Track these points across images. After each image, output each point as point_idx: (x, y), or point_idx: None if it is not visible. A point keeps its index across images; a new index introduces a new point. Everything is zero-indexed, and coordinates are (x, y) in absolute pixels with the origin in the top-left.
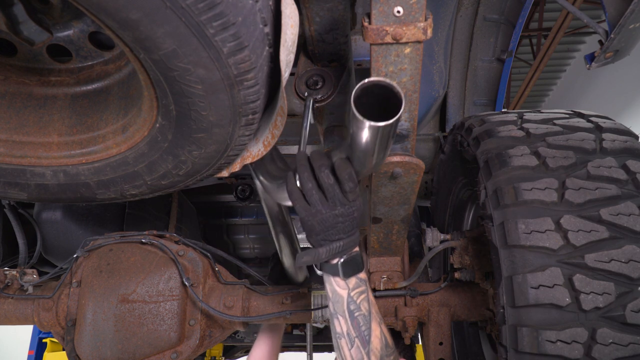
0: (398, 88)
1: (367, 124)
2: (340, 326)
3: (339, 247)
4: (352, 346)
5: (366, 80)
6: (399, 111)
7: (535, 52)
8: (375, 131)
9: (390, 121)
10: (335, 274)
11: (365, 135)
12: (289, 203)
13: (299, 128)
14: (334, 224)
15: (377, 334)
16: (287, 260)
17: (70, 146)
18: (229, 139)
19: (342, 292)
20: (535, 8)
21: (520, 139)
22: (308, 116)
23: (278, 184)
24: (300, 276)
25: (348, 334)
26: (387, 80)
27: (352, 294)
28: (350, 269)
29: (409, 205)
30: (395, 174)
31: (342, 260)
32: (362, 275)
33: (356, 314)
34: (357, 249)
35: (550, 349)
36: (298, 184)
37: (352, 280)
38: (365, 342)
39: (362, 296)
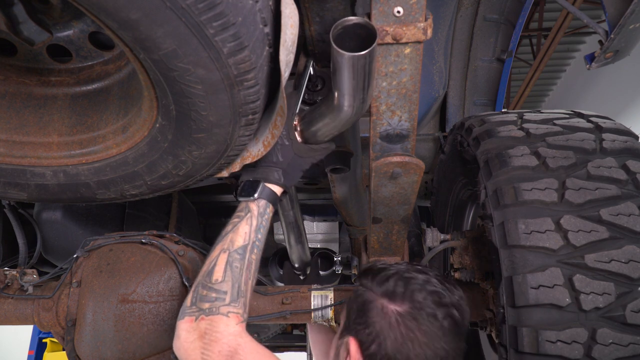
0: (371, 24)
1: (345, 55)
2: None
3: (251, 173)
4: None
5: (344, 18)
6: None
7: (535, 52)
8: (350, 62)
9: (364, 52)
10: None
11: (344, 68)
12: None
13: None
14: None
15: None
16: (295, 257)
17: (70, 146)
18: (229, 139)
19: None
20: (535, 8)
21: (520, 139)
22: (306, 76)
23: None
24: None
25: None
26: (361, 18)
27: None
28: (244, 192)
29: (409, 205)
30: (395, 174)
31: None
32: (256, 206)
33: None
34: (274, 187)
35: (550, 349)
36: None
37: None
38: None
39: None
